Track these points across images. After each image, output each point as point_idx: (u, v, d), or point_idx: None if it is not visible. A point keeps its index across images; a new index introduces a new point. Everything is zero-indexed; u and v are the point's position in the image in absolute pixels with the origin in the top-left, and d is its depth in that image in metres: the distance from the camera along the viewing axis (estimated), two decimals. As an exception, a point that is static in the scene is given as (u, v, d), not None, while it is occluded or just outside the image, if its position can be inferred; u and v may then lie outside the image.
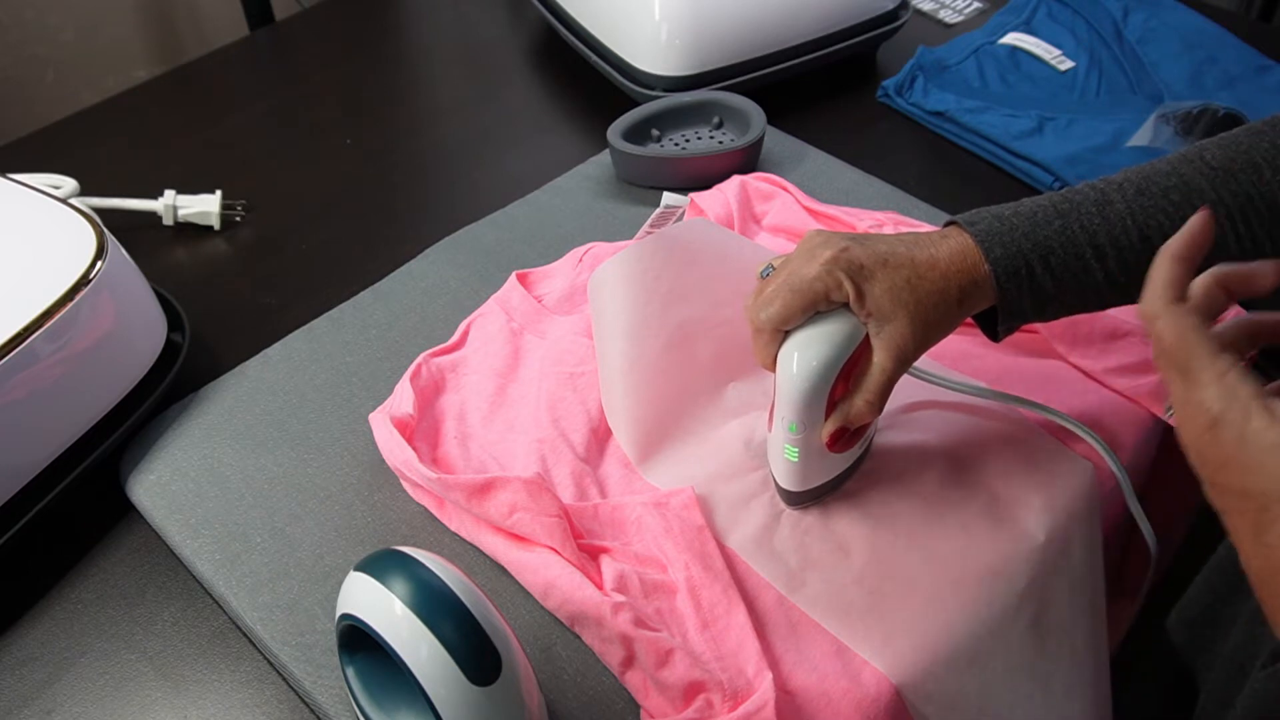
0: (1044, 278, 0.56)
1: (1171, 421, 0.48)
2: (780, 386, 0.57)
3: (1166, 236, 0.55)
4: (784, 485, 0.61)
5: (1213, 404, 0.44)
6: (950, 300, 0.56)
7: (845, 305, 0.56)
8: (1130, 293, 0.58)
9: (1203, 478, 0.45)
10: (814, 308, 0.56)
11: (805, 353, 0.56)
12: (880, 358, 0.56)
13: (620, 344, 0.66)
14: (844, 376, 0.57)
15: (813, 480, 0.61)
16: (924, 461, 0.65)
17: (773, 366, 0.57)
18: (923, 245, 0.56)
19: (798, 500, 0.62)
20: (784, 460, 0.59)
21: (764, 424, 0.66)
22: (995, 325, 0.58)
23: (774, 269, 0.58)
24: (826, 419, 0.58)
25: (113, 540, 0.65)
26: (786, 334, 0.57)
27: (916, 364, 0.67)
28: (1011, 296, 0.56)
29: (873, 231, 0.77)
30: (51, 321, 0.61)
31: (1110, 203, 0.56)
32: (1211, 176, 0.56)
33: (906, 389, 0.68)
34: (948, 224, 0.58)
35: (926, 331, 0.56)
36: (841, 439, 0.59)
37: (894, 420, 0.67)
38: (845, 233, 0.57)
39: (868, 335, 0.56)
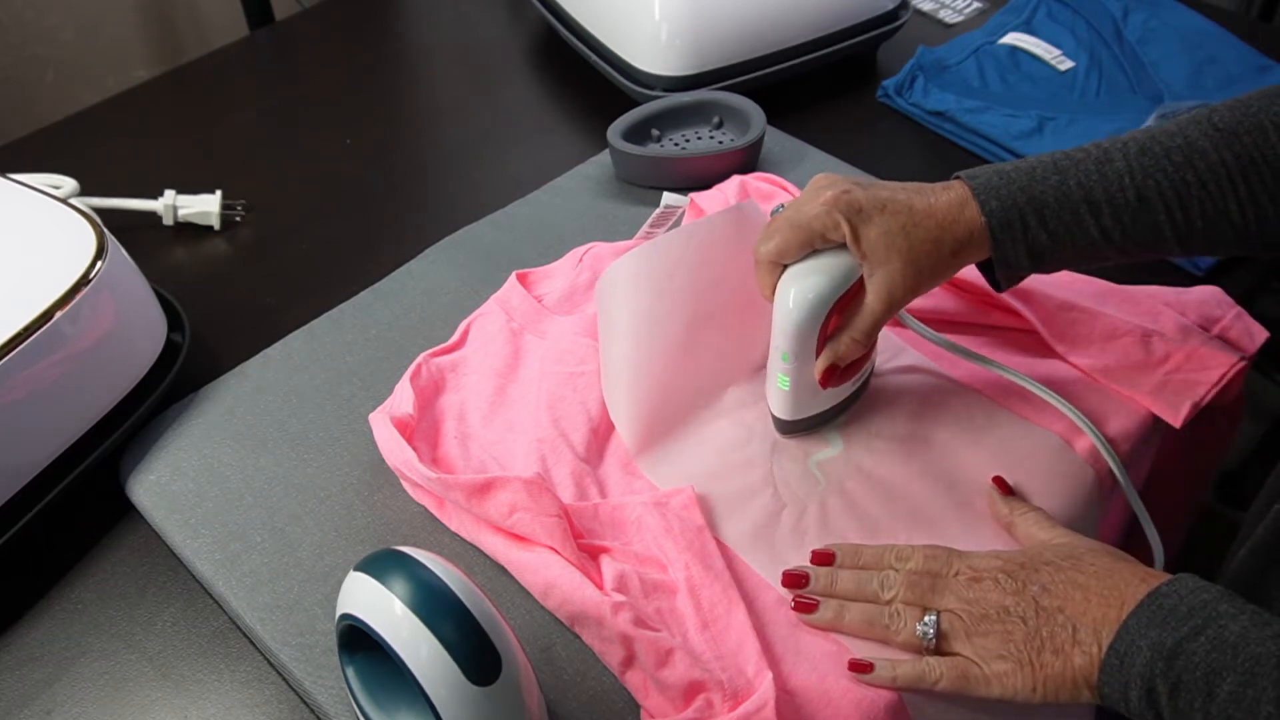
0: (1038, 231, 0.58)
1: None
2: (776, 316, 0.60)
3: (1164, 195, 0.57)
4: (776, 414, 0.64)
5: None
6: (944, 249, 0.58)
7: (844, 244, 0.58)
8: (1126, 249, 0.60)
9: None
10: (810, 245, 0.59)
11: (801, 285, 0.58)
12: (870, 299, 0.59)
13: (628, 338, 0.66)
14: (838, 311, 0.59)
15: (804, 411, 0.63)
16: (923, 464, 0.65)
17: (772, 297, 0.60)
18: (924, 194, 0.59)
19: (789, 429, 0.64)
20: (777, 389, 0.62)
21: (766, 423, 0.66)
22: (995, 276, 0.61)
23: (784, 207, 0.60)
24: (818, 353, 0.60)
25: (113, 540, 0.65)
26: (785, 268, 0.59)
27: (924, 368, 0.67)
28: (1006, 248, 0.58)
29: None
30: (51, 321, 0.61)
31: (1110, 160, 0.58)
32: (1216, 138, 0.57)
33: (908, 388, 0.68)
34: (953, 177, 0.60)
35: (918, 278, 0.59)
36: (833, 375, 0.61)
37: (894, 422, 0.67)
38: (852, 177, 0.60)
39: (862, 275, 0.59)
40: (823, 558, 0.59)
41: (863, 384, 0.66)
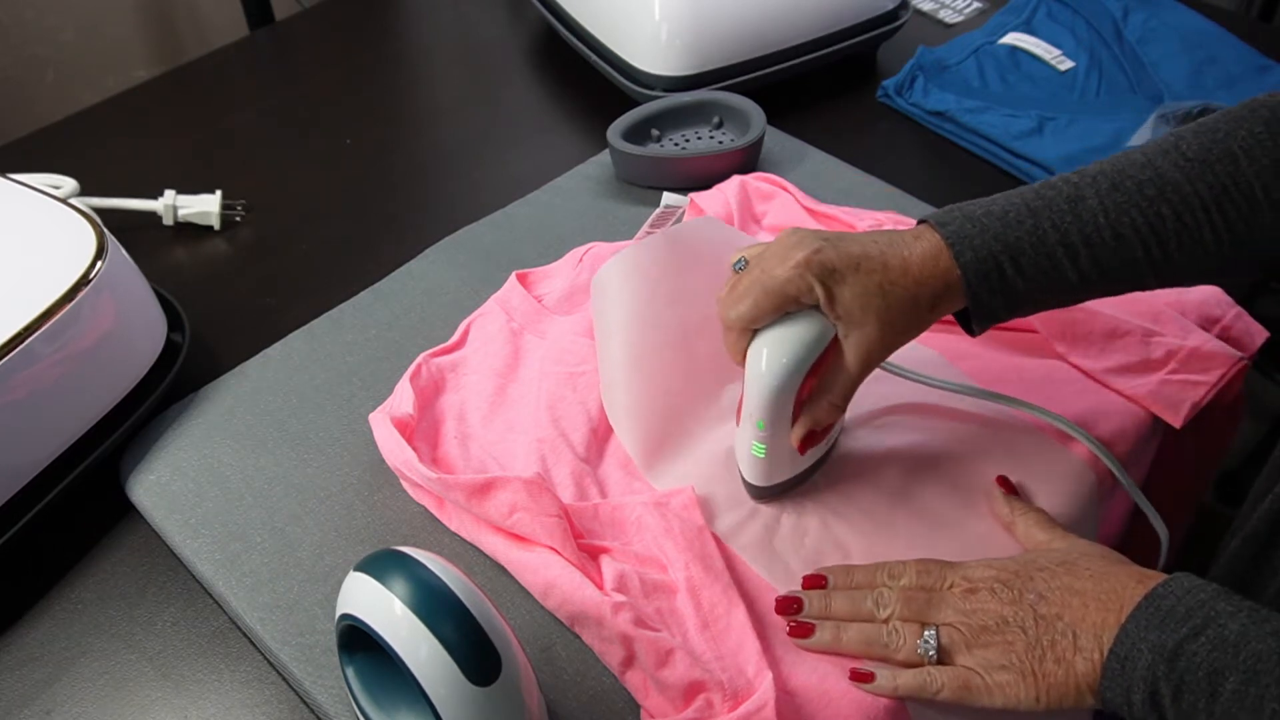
0: (1015, 279, 0.56)
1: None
2: (749, 384, 0.58)
3: (1139, 232, 0.56)
4: (750, 480, 0.62)
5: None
6: (921, 305, 0.56)
7: (816, 305, 0.56)
8: (1105, 288, 0.58)
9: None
10: (783, 309, 0.56)
11: (774, 351, 0.56)
12: (848, 362, 0.57)
13: (622, 345, 0.66)
14: (812, 375, 0.57)
15: (778, 476, 0.62)
16: (923, 464, 0.65)
17: (743, 362, 0.58)
18: (896, 247, 0.56)
19: (763, 495, 0.63)
20: (751, 456, 0.60)
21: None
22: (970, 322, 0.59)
23: (746, 262, 0.58)
24: (795, 418, 0.58)
25: (113, 540, 0.65)
26: (755, 331, 0.57)
27: (920, 370, 0.67)
28: (983, 299, 0.56)
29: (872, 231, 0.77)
30: (51, 321, 0.61)
31: (1083, 199, 0.56)
32: (1187, 169, 0.56)
33: (906, 393, 0.68)
34: (920, 223, 0.58)
35: (895, 336, 0.57)
36: (811, 440, 0.60)
37: (894, 425, 0.67)
38: (821, 232, 0.57)
39: (836, 335, 0.57)
40: (814, 581, 0.58)
41: (834, 442, 0.65)
